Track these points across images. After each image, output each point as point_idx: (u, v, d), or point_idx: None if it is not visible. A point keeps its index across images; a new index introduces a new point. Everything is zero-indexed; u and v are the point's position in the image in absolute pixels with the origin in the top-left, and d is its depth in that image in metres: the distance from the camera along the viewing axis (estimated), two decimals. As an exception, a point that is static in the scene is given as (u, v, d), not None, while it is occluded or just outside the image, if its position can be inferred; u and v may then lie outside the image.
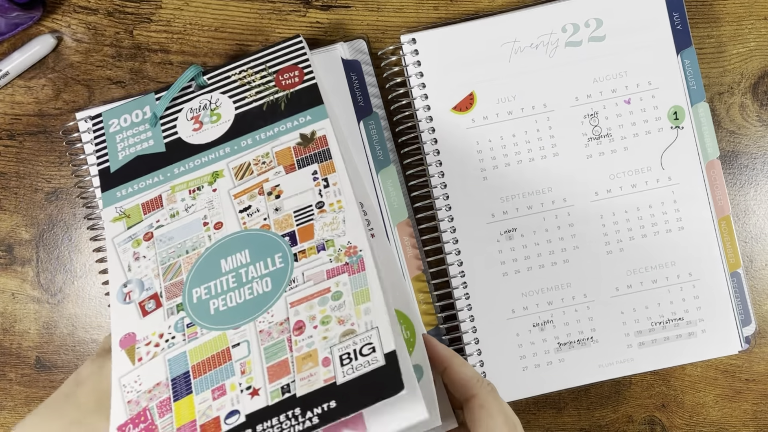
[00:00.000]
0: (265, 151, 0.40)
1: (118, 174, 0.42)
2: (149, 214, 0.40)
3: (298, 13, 0.47)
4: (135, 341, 0.36)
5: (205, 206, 0.39)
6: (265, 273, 0.36)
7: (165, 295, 0.37)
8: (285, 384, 0.32)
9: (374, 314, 0.33)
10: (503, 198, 0.46)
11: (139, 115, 0.43)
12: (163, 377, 0.34)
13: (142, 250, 0.39)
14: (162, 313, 0.36)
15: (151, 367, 0.35)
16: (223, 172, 0.40)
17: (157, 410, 0.33)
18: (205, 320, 0.35)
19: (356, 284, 0.34)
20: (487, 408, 0.34)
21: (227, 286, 0.36)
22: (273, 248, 0.37)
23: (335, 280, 0.35)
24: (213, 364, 0.34)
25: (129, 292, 0.38)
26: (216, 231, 0.38)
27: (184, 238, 0.38)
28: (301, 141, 0.40)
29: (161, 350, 0.35)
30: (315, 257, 0.36)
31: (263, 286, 0.36)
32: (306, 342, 0.33)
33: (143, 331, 0.36)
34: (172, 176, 0.41)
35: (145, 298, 0.37)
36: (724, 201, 0.46)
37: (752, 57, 0.48)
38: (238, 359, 0.34)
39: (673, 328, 0.46)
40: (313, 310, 0.34)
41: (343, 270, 0.35)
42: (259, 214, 0.38)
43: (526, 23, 0.45)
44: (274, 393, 0.32)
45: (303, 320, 0.34)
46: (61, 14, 0.47)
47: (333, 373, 0.32)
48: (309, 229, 0.37)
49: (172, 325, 0.36)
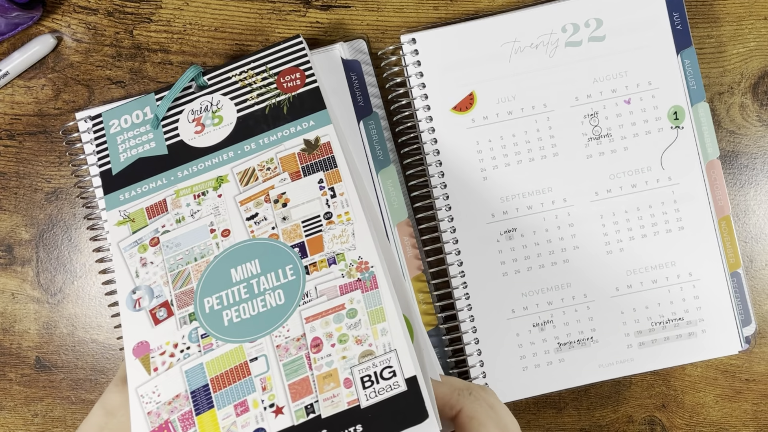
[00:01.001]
0: (269, 157, 0.40)
1: (120, 176, 0.42)
2: (154, 219, 0.40)
3: (298, 13, 0.47)
4: (149, 350, 0.36)
5: (210, 212, 0.39)
6: (277, 285, 0.36)
7: (176, 303, 0.37)
8: (309, 404, 0.33)
9: (391, 336, 0.34)
10: (503, 198, 0.46)
11: (140, 115, 0.43)
12: (182, 389, 0.35)
13: (149, 256, 0.39)
14: (174, 322, 0.36)
15: (168, 377, 0.35)
16: (228, 177, 0.40)
17: (179, 423, 0.34)
18: (220, 331, 0.36)
19: (370, 302, 0.35)
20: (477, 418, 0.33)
21: (239, 296, 0.36)
22: (283, 259, 0.37)
23: (349, 296, 0.35)
24: (232, 379, 0.34)
25: (139, 299, 0.38)
26: (224, 238, 0.38)
27: (192, 245, 0.38)
28: (306, 147, 0.40)
29: (177, 361, 0.35)
30: (327, 271, 0.36)
31: (276, 299, 0.36)
32: (325, 361, 0.34)
33: (156, 340, 0.36)
34: (176, 180, 0.41)
35: (155, 306, 0.37)
36: (724, 201, 0.46)
37: (752, 57, 0.48)
38: (258, 374, 0.34)
39: (673, 328, 0.46)
40: (329, 327, 0.34)
41: (356, 286, 0.35)
42: (267, 222, 0.38)
43: (526, 23, 0.45)
44: (298, 413, 0.32)
45: (320, 337, 0.34)
46: (61, 14, 0.47)
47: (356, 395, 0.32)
48: (318, 241, 0.37)
49: (186, 335, 0.36)
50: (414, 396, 0.31)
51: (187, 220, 0.39)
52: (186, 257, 0.38)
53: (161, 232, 0.39)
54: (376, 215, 0.43)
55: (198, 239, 0.38)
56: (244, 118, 0.41)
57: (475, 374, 0.46)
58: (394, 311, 0.34)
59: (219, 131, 0.41)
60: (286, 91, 0.41)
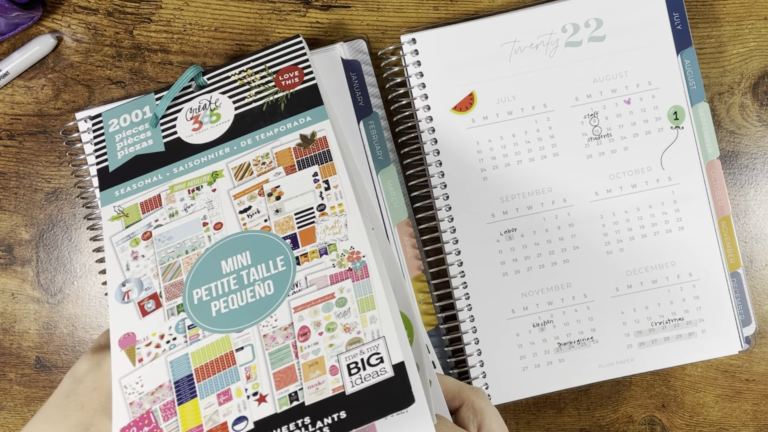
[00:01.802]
0: (265, 152, 0.40)
1: (116, 173, 0.41)
2: (148, 214, 0.39)
3: (298, 13, 0.47)
4: (135, 341, 0.36)
5: (204, 206, 0.39)
6: (267, 276, 0.36)
7: (165, 295, 0.37)
8: (293, 391, 0.32)
9: (380, 323, 0.33)
10: (503, 198, 0.46)
11: (139, 115, 0.43)
12: (166, 379, 0.34)
13: (140, 249, 0.38)
14: (162, 313, 0.36)
15: (153, 368, 0.35)
16: (223, 172, 0.40)
17: (161, 413, 0.33)
18: (207, 322, 0.35)
19: (361, 291, 0.34)
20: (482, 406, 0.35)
21: (228, 288, 0.36)
22: (274, 250, 0.36)
23: (339, 285, 0.34)
24: (217, 368, 0.34)
25: (128, 292, 0.37)
26: (216, 231, 0.38)
27: (184, 238, 0.38)
28: (302, 142, 0.39)
29: (162, 351, 0.35)
30: (317, 261, 0.35)
31: (265, 289, 0.35)
32: (312, 349, 0.33)
33: (143, 331, 0.36)
34: (171, 176, 0.40)
35: (144, 298, 0.37)
36: (724, 201, 0.46)
37: (752, 57, 0.48)
38: (243, 364, 0.33)
39: (673, 328, 0.46)
40: (317, 316, 0.34)
41: (346, 276, 0.35)
42: (260, 215, 0.38)
43: (526, 23, 0.45)
44: (281, 400, 0.32)
45: (308, 326, 0.34)
46: (61, 14, 0.47)
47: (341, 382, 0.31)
48: (310, 232, 0.36)
49: (173, 326, 0.35)
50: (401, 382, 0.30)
51: (181, 214, 0.39)
52: (177, 250, 0.38)
53: (154, 226, 0.39)
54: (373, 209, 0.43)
55: (190, 232, 0.38)
56: (241, 116, 0.41)
57: (475, 374, 0.46)
58: (384, 299, 0.33)
59: (216, 128, 0.41)
60: (284, 88, 0.41)
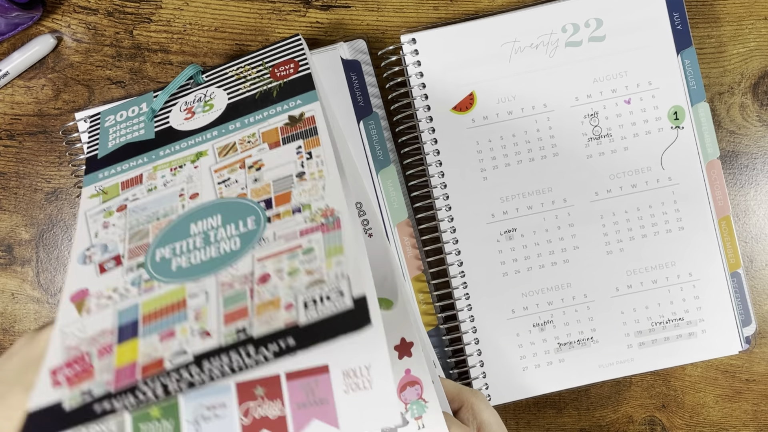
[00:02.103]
0: (251, 132, 0.39)
1: (104, 159, 0.41)
2: (127, 190, 0.38)
3: (298, 13, 0.47)
4: (87, 295, 0.34)
5: (183, 180, 0.38)
6: (235, 234, 0.34)
7: (127, 255, 0.35)
8: (241, 327, 0.29)
9: (346, 265, 0.30)
10: (503, 198, 0.46)
11: (136, 110, 0.43)
12: (110, 326, 0.32)
13: (112, 220, 0.37)
14: (120, 271, 0.34)
15: (99, 317, 0.33)
16: (207, 152, 0.39)
17: (96, 354, 0.31)
18: (165, 275, 0.33)
19: (330, 241, 0.32)
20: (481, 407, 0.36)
21: (193, 246, 0.34)
22: (246, 212, 0.35)
23: (308, 237, 0.32)
24: (166, 312, 0.32)
25: (90, 255, 0.36)
26: (191, 201, 0.36)
27: (157, 208, 0.37)
28: (289, 122, 0.38)
29: (113, 303, 0.33)
30: (289, 218, 0.33)
31: (231, 245, 0.33)
32: (269, 291, 0.30)
33: (98, 286, 0.34)
34: (157, 158, 0.40)
35: (106, 259, 0.35)
36: (724, 201, 0.46)
37: (752, 57, 0.48)
38: (194, 307, 0.31)
39: (673, 329, 0.46)
40: (281, 263, 0.31)
41: (317, 229, 0.32)
42: (237, 184, 0.36)
43: (526, 23, 0.45)
44: (228, 335, 0.29)
45: (269, 273, 0.31)
46: (61, 14, 0.47)
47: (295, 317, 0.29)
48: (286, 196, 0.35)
49: (129, 281, 0.34)
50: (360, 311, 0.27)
51: (159, 189, 0.38)
52: (149, 218, 0.36)
53: (131, 200, 0.38)
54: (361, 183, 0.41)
55: (165, 203, 0.37)
56: (234, 104, 0.41)
57: (475, 374, 0.46)
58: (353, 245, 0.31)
59: (207, 116, 0.41)
60: (279, 78, 0.41)
